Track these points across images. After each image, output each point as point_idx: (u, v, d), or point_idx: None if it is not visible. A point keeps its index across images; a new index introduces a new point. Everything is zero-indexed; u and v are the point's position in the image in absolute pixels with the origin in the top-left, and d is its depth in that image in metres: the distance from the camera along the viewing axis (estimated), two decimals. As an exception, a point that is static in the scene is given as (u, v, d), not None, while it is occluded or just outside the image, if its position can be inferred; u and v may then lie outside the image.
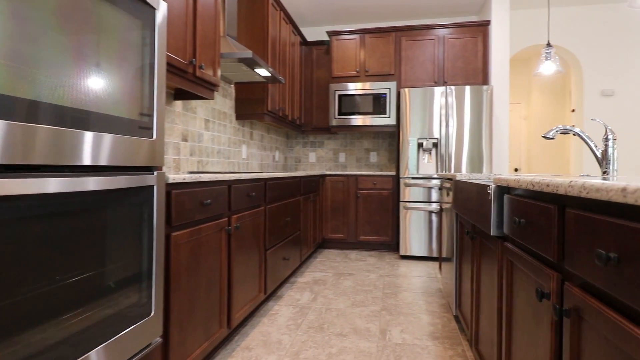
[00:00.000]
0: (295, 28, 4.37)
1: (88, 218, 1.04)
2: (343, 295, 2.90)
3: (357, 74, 4.52)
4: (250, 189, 2.26)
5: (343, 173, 4.40)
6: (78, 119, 1.00)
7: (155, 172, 1.32)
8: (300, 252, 3.47)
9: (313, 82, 4.83)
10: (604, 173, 1.66)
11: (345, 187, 4.40)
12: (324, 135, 5.14)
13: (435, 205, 3.99)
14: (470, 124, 3.93)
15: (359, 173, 4.36)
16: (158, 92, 1.32)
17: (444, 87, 3.98)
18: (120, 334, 1.16)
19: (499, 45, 4.14)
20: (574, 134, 1.74)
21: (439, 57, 4.33)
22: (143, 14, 1.25)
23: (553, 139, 2.07)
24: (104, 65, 1.08)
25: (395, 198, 4.31)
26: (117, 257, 1.15)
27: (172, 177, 1.44)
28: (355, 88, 4.47)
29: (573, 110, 5.03)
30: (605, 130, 1.65)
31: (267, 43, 3.48)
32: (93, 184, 1.05)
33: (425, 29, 4.37)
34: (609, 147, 1.65)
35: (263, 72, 2.96)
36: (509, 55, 4.19)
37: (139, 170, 1.28)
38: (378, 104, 4.41)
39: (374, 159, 5.00)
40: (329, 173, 4.42)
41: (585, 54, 4.67)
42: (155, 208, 1.32)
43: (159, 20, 1.31)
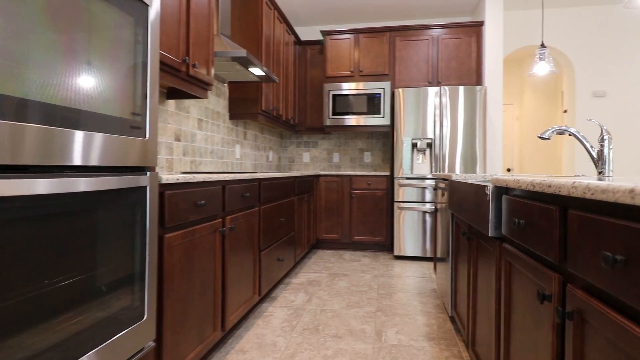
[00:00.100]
0: (289, 27, 4.35)
1: (79, 220, 1.01)
2: (338, 296, 2.88)
3: (351, 74, 4.51)
4: (245, 190, 2.24)
5: (337, 173, 4.39)
6: (68, 118, 0.97)
7: (148, 172, 1.29)
8: (295, 252, 3.44)
9: (307, 81, 4.80)
10: (600, 173, 1.67)
11: (340, 187, 4.39)
12: (318, 135, 5.12)
13: (429, 206, 3.99)
14: (464, 124, 3.93)
15: (353, 173, 4.34)
16: (151, 90, 1.29)
17: (438, 87, 3.99)
18: (113, 339, 1.13)
19: (493, 46, 4.16)
20: (570, 134, 1.74)
21: (433, 57, 4.33)
22: (136, 11, 1.22)
23: (549, 139, 2.08)
24: (95, 63, 1.05)
25: (390, 198, 4.30)
26: (109, 259, 1.12)
27: (165, 177, 1.41)
28: (350, 88, 4.45)
29: (565, 111, 5.07)
30: (601, 131, 1.65)
31: (261, 42, 3.45)
32: (84, 185, 1.02)
33: (420, 29, 4.37)
34: (605, 147, 1.65)
35: (257, 71, 2.93)
36: (503, 56, 4.21)
37: (132, 171, 1.24)
38: (372, 104, 4.40)
39: (368, 159, 5.00)
40: (323, 173, 4.40)
41: (578, 55, 4.71)
42: (148, 209, 1.29)
43: (152, 17, 1.28)
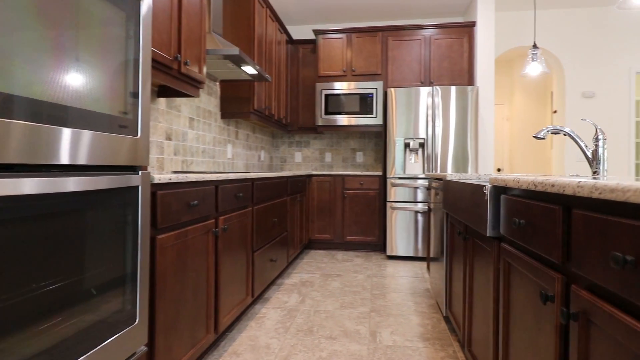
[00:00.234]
0: (282, 26, 4.31)
1: (68, 221, 0.97)
2: (331, 297, 2.86)
3: (343, 74, 4.49)
4: (238, 190, 2.20)
5: (330, 173, 4.37)
6: (57, 115, 0.93)
7: (140, 172, 1.26)
8: (287, 253, 3.41)
9: (299, 81, 4.77)
10: (595, 173, 1.67)
11: (332, 187, 4.37)
12: (310, 135, 5.09)
13: (421, 205, 4.00)
14: (456, 124, 3.94)
15: (346, 173, 4.33)
16: (143, 87, 1.25)
17: (431, 87, 3.99)
18: (104, 344, 1.09)
19: (485, 46, 4.17)
20: (565, 134, 1.74)
21: (426, 57, 4.34)
22: (127, 5, 1.18)
23: (544, 139, 2.08)
24: (85, 58, 1.01)
25: (382, 198, 4.30)
26: (99, 262, 1.08)
27: (157, 177, 1.38)
28: (342, 87, 4.44)
29: (555, 112, 5.12)
30: (596, 131, 1.65)
31: (253, 40, 3.41)
32: (73, 185, 0.98)
33: (412, 29, 4.37)
34: (599, 147, 1.65)
35: (250, 69, 2.90)
36: (494, 57, 4.23)
37: (123, 170, 1.21)
38: (365, 104, 4.39)
39: (360, 159, 4.99)
40: (316, 173, 4.38)
41: (568, 56, 4.76)
42: (140, 210, 1.25)
43: (144, 12, 1.24)
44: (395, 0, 4.42)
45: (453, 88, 3.94)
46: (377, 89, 4.36)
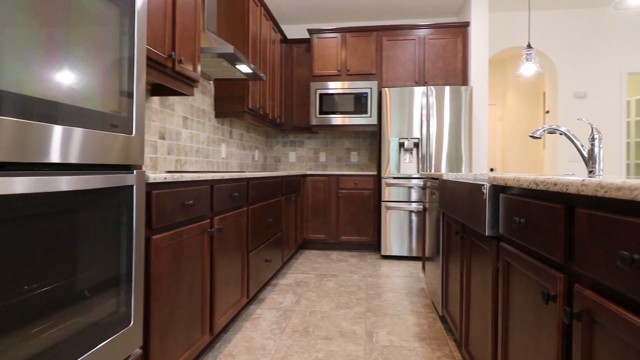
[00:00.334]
0: (276, 25, 4.29)
1: (60, 221, 0.94)
2: (327, 297, 2.84)
3: (338, 73, 4.48)
4: (233, 189, 2.18)
5: (324, 173, 4.35)
6: (49, 112, 0.90)
7: (135, 170, 1.23)
8: (282, 253, 3.39)
9: (293, 80, 4.75)
10: (591, 172, 1.68)
11: (327, 187, 4.35)
12: (304, 135, 5.07)
13: (415, 205, 4.00)
14: (450, 124, 3.95)
15: (341, 173, 4.32)
16: (137, 84, 1.23)
17: (425, 87, 4.00)
18: (98, 347, 1.07)
19: (478, 47, 4.19)
20: (561, 134, 1.74)
21: (420, 57, 4.34)
22: (121, 0, 1.15)
23: (540, 138, 2.09)
24: (78, 54, 0.99)
25: (377, 198, 4.29)
26: (93, 263, 1.06)
27: (152, 176, 1.35)
28: (336, 87, 4.42)
29: (547, 112, 5.16)
30: (592, 130, 1.66)
31: (247, 39, 3.38)
32: (66, 184, 0.95)
33: (406, 29, 4.37)
34: (595, 146, 1.66)
35: (244, 68, 2.87)
36: (488, 57, 4.25)
37: (117, 169, 1.18)
38: (359, 104, 4.38)
39: (355, 159, 4.98)
40: (310, 173, 4.36)
41: (560, 57, 4.79)
42: (135, 210, 1.22)
43: (139, 6, 1.22)
44: (390, 0, 4.42)
45: (447, 88, 3.95)
46: (371, 89, 4.36)
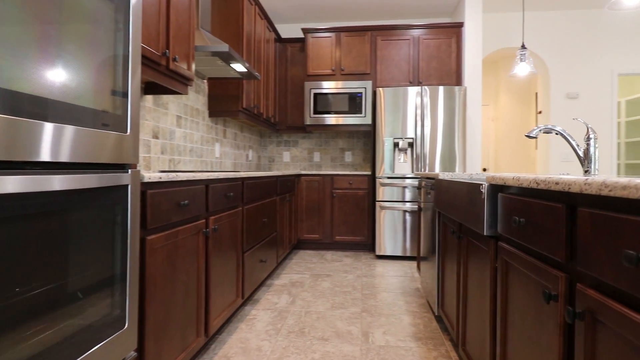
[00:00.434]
0: (270, 24, 4.27)
1: (53, 222, 0.92)
2: (322, 297, 2.83)
3: (332, 73, 4.47)
4: (228, 189, 2.15)
5: (319, 173, 4.34)
6: (40, 109, 0.88)
7: (130, 170, 1.21)
8: (277, 253, 3.37)
9: (287, 80, 4.74)
10: (586, 172, 1.68)
11: (321, 186, 4.34)
12: (299, 135, 5.06)
13: (409, 205, 4.00)
14: (444, 124, 3.96)
15: (335, 173, 4.31)
16: (132, 81, 1.20)
17: (419, 87, 4.00)
18: (91, 350, 1.04)
19: (472, 47, 4.21)
20: (557, 133, 1.75)
21: (414, 57, 4.35)
22: (116, -4, 1.13)
23: (536, 138, 2.10)
24: (72, 50, 0.96)
25: (371, 198, 4.29)
26: (87, 265, 1.03)
27: (147, 175, 1.33)
28: (331, 87, 4.41)
29: (540, 112, 5.20)
30: (587, 130, 1.67)
31: (242, 38, 3.36)
32: (59, 183, 0.93)
33: (401, 29, 4.38)
34: (591, 146, 1.67)
35: (239, 67, 2.85)
36: (482, 57, 4.27)
37: (112, 168, 1.15)
38: (354, 103, 4.37)
39: (349, 159, 4.97)
40: (305, 173, 4.35)
41: (552, 58, 4.83)
42: (130, 210, 1.20)
43: (134, 1, 1.19)
44: (384, 0, 4.42)
45: (441, 88, 3.95)
46: (366, 89, 4.36)
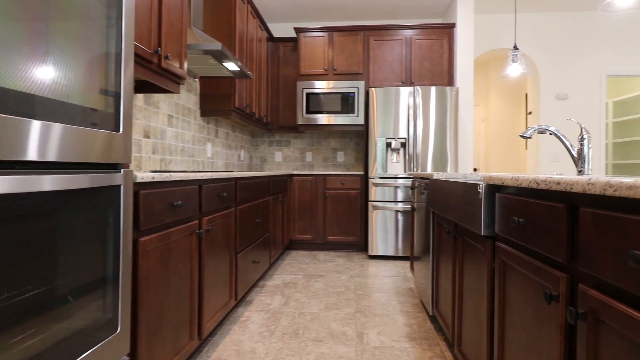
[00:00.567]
0: (262, 23, 4.24)
1: (44, 224, 0.89)
2: (315, 298, 2.81)
3: (325, 72, 4.46)
4: (221, 189, 2.13)
5: (311, 173, 4.32)
6: (28, 106, 0.85)
7: (122, 170, 1.18)
8: (270, 254, 3.35)
9: (280, 79, 4.71)
10: (580, 172, 1.69)
11: (314, 187, 4.32)
12: (291, 134, 5.03)
13: (402, 205, 4.01)
14: (436, 124, 3.98)
15: (327, 173, 4.29)
16: (125, 79, 1.17)
17: (412, 87, 4.01)
18: (83, 356, 1.01)
19: (464, 48, 4.23)
20: (551, 133, 1.76)
21: (407, 57, 4.36)
22: (108, -9, 1.10)
23: (530, 138, 2.12)
24: (62, 46, 0.93)
25: (364, 198, 4.29)
26: (78, 267, 1.00)
27: (140, 175, 1.30)
28: (323, 86, 4.40)
29: (530, 113, 5.25)
30: (581, 130, 1.68)
31: (234, 37, 3.33)
32: (50, 184, 0.89)
33: (393, 29, 4.38)
34: (585, 146, 1.68)
35: (232, 66, 2.82)
36: (473, 58, 4.30)
37: (103, 168, 1.12)
38: (346, 103, 4.37)
39: (341, 159, 4.96)
40: (297, 173, 4.32)
41: (542, 59, 4.89)
42: (122, 211, 1.17)
43: (127, -1, 1.16)
44: (377, 0, 4.42)
45: (433, 88, 3.97)
46: (358, 89, 4.35)
